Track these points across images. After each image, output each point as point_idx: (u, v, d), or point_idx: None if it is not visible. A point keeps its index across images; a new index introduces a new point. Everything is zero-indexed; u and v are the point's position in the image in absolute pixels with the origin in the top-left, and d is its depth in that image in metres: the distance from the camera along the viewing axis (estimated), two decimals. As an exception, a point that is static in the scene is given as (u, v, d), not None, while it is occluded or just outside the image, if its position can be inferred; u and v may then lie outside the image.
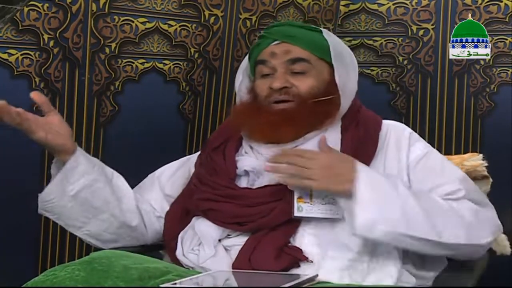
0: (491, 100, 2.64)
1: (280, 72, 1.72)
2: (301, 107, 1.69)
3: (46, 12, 2.06)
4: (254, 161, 1.71)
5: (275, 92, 1.70)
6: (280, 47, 1.74)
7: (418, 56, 2.71)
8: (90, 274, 1.48)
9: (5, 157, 2.04)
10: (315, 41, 1.75)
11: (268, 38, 1.77)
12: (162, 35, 2.33)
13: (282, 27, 1.80)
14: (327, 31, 1.81)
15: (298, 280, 1.44)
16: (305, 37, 1.75)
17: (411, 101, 2.72)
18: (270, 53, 1.74)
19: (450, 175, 1.69)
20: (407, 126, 1.81)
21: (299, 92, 1.70)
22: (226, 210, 1.65)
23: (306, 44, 1.73)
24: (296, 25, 1.83)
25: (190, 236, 1.68)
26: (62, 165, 1.67)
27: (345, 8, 2.81)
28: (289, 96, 1.70)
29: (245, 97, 1.79)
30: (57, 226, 2.18)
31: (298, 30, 1.77)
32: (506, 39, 2.60)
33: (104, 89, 2.24)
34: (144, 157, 2.27)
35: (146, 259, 1.58)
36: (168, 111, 2.42)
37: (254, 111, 1.73)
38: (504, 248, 1.89)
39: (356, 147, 1.68)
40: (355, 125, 1.73)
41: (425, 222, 1.52)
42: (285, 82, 1.70)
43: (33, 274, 2.01)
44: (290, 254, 1.57)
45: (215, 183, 1.70)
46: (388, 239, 1.52)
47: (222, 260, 1.61)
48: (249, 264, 1.57)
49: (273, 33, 1.77)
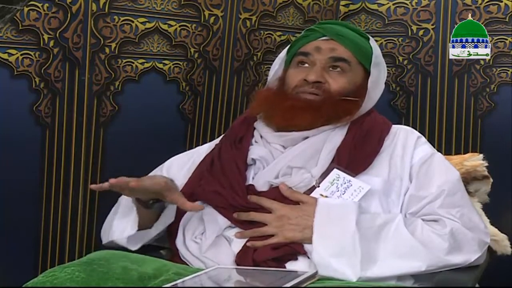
0: (491, 100, 2.64)
1: (318, 66, 1.76)
2: (326, 101, 1.74)
3: (46, 12, 2.06)
4: (263, 150, 1.76)
5: (307, 84, 1.75)
6: (327, 43, 1.79)
7: (418, 56, 2.71)
8: (90, 275, 1.48)
9: (5, 157, 2.04)
10: (361, 45, 1.81)
11: (317, 32, 1.82)
12: (162, 35, 2.33)
13: (334, 26, 1.86)
14: (373, 40, 1.87)
15: (299, 279, 1.45)
16: (353, 39, 1.81)
17: (411, 101, 2.72)
18: (315, 47, 1.79)
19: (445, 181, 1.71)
20: (407, 126, 1.85)
21: (330, 89, 1.75)
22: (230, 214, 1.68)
23: (352, 46, 1.79)
24: (348, 27, 1.88)
25: (194, 225, 1.69)
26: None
27: (345, 8, 2.81)
28: (319, 91, 1.75)
29: (272, 84, 1.83)
30: (57, 226, 2.18)
31: (348, 31, 1.83)
32: (506, 39, 2.60)
33: (104, 89, 2.23)
34: (144, 157, 2.26)
35: (145, 258, 1.58)
36: (168, 111, 2.41)
37: (279, 97, 1.78)
38: (504, 248, 1.89)
39: (355, 144, 1.72)
40: (359, 125, 1.76)
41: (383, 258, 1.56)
42: (320, 77, 1.75)
43: (33, 274, 2.01)
44: (289, 246, 1.60)
45: (227, 180, 1.72)
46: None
47: (223, 251, 1.63)
48: (252, 253, 1.59)
49: (324, 29, 1.82)
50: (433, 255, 1.58)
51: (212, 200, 1.70)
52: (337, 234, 1.56)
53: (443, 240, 1.60)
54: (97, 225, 2.07)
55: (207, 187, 1.72)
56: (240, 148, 1.78)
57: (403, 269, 1.56)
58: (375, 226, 1.59)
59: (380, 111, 1.87)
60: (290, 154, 1.73)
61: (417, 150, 1.75)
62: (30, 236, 2.14)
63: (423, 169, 1.72)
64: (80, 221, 2.23)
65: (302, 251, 1.59)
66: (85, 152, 2.21)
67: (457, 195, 1.70)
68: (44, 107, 2.10)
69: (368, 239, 1.56)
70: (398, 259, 1.56)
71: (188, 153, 1.92)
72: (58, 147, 2.16)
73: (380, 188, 1.67)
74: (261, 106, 1.81)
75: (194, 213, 1.71)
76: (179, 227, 1.71)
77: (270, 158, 1.74)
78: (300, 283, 1.44)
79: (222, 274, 1.53)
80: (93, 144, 2.23)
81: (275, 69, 1.86)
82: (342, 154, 1.70)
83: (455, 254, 1.60)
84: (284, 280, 1.44)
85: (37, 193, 2.14)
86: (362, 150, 1.72)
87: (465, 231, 1.65)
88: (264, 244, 1.59)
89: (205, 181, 1.74)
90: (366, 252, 1.54)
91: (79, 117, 2.18)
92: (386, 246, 1.57)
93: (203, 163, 1.82)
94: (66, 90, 2.15)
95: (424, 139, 1.81)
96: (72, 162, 2.18)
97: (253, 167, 1.74)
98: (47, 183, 2.15)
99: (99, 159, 2.25)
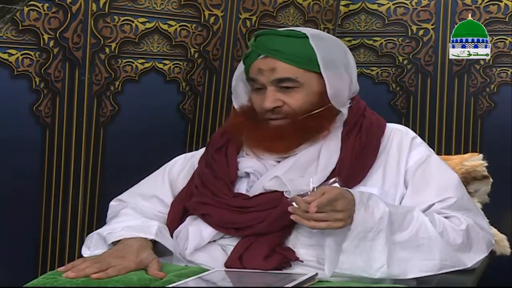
0: (491, 100, 2.64)
1: (269, 90, 1.70)
2: (293, 123, 1.69)
3: (46, 12, 2.05)
4: (255, 162, 1.73)
5: (268, 111, 1.70)
6: (265, 63, 1.70)
7: (418, 56, 2.71)
8: (90, 279, 1.48)
9: (5, 157, 2.04)
10: (301, 53, 1.69)
11: (253, 52, 1.73)
12: (162, 35, 2.33)
13: (267, 38, 1.74)
14: (316, 35, 1.74)
15: (299, 280, 1.45)
16: (290, 50, 1.69)
17: (411, 101, 2.72)
18: (257, 70, 1.71)
19: (445, 184, 1.70)
20: (407, 126, 1.83)
21: (290, 110, 1.69)
22: (223, 216, 1.66)
23: (291, 58, 1.69)
24: (282, 34, 1.73)
25: (184, 236, 1.68)
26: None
27: (345, 8, 2.81)
28: (282, 114, 1.70)
29: (245, 104, 1.78)
30: (57, 227, 2.19)
31: (283, 41, 1.71)
32: (506, 39, 2.60)
33: (104, 89, 2.23)
34: (144, 157, 2.27)
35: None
36: (168, 111, 2.41)
37: (252, 124, 1.73)
38: (504, 248, 1.89)
39: (355, 156, 1.69)
40: (357, 131, 1.72)
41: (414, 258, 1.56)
42: (274, 102, 1.69)
43: (33, 274, 2.01)
44: (281, 253, 1.59)
45: (216, 188, 1.70)
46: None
47: (218, 259, 1.62)
48: (239, 262, 1.59)
49: (258, 46, 1.73)
50: (447, 249, 1.58)
51: (206, 219, 1.67)
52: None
53: (457, 235, 1.61)
54: (97, 225, 2.07)
55: (199, 202, 1.70)
56: (225, 151, 1.76)
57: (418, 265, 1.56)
58: (398, 213, 1.58)
59: (380, 111, 1.85)
60: (285, 165, 1.70)
61: (412, 153, 1.72)
62: (30, 236, 2.15)
63: (418, 173, 1.70)
64: (80, 221, 2.23)
65: (294, 258, 1.58)
66: (85, 152, 2.21)
67: (464, 199, 1.70)
68: (44, 107, 2.10)
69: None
70: (416, 249, 1.56)
71: (187, 157, 1.90)
72: (58, 147, 2.16)
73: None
74: (238, 132, 1.76)
75: (184, 225, 1.70)
76: (173, 237, 1.71)
77: (264, 170, 1.71)
78: (301, 284, 1.45)
79: (222, 276, 1.54)
80: (93, 144, 2.23)
81: (234, 85, 1.80)
82: (343, 167, 1.67)
83: (464, 252, 1.61)
84: (285, 281, 1.44)
85: (37, 193, 2.14)
86: (361, 163, 1.69)
87: (477, 229, 1.66)
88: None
89: (196, 194, 1.72)
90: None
91: (79, 117, 2.18)
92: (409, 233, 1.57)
93: (192, 178, 1.80)
94: (66, 90, 2.15)
95: (419, 140, 1.77)
96: (72, 162, 2.18)
97: (246, 179, 1.72)
98: (47, 183, 2.15)
99: (99, 159, 2.25)
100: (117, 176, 2.23)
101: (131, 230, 1.65)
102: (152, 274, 1.53)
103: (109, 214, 1.84)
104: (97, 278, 1.49)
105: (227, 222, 1.65)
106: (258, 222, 1.62)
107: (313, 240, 1.59)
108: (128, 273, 1.52)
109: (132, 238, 1.62)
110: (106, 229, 1.70)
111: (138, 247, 1.59)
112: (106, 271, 1.51)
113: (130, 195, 1.85)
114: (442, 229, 1.60)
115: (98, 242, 1.67)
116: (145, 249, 1.60)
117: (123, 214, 1.77)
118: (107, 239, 1.64)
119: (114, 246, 1.63)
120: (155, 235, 1.64)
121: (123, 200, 1.85)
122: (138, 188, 1.86)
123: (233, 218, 1.65)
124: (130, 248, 1.58)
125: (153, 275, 1.53)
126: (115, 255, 1.57)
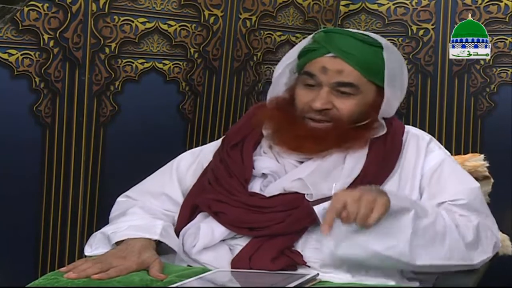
0: (491, 100, 2.64)
1: (324, 90, 1.66)
2: (335, 129, 1.66)
3: (46, 12, 2.05)
4: (274, 163, 1.70)
5: (314, 111, 1.66)
6: (333, 62, 1.67)
7: (418, 56, 2.71)
8: (92, 279, 1.48)
9: (5, 157, 2.04)
10: (370, 62, 1.67)
11: (323, 48, 1.68)
12: (162, 35, 2.33)
13: (340, 38, 1.70)
14: (389, 48, 1.72)
15: (301, 280, 1.45)
16: (361, 55, 1.67)
17: (411, 101, 2.72)
18: (321, 68, 1.67)
19: (459, 187, 1.69)
20: (408, 126, 1.82)
21: (338, 114, 1.66)
22: (239, 215, 1.63)
23: (362, 65, 1.66)
24: (356, 37, 1.70)
25: (193, 233, 1.66)
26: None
27: (345, 8, 2.80)
28: (327, 117, 1.67)
29: (282, 96, 1.74)
30: (57, 227, 2.18)
31: (358, 45, 1.68)
32: (506, 39, 2.60)
33: (104, 89, 2.23)
34: (144, 157, 2.27)
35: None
36: (168, 111, 2.41)
37: (286, 121, 1.69)
38: (506, 248, 1.89)
39: (379, 162, 1.67)
40: (383, 138, 1.70)
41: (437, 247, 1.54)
42: (327, 104, 1.66)
43: (33, 274, 2.01)
44: (289, 256, 1.58)
45: (230, 186, 1.68)
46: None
47: (223, 258, 1.61)
48: (248, 262, 1.57)
49: (329, 43, 1.68)
50: (458, 242, 1.57)
51: (220, 218, 1.65)
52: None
53: (468, 232, 1.60)
54: (97, 225, 2.08)
55: (213, 198, 1.68)
56: (240, 148, 1.74)
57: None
58: (417, 203, 1.58)
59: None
60: (308, 168, 1.66)
61: (428, 158, 1.71)
62: (30, 236, 2.14)
63: (434, 178, 1.69)
64: (80, 221, 2.22)
65: (302, 262, 1.57)
66: (85, 152, 2.21)
67: (476, 201, 1.69)
68: (44, 107, 2.10)
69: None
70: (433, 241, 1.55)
71: (194, 152, 1.87)
72: (58, 147, 2.15)
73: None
74: (268, 124, 1.72)
75: (194, 222, 1.68)
76: (179, 235, 1.69)
77: (282, 172, 1.68)
78: (302, 284, 1.45)
79: (224, 276, 1.53)
80: (93, 144, 2.22)
81: (279, 72, 1.76)
82: (367, 174, 1.65)
83: (472, 250, 1.60)
84: (286, 282, 1.44)
85: (37, 193, 2.14)
86: (383, 168, 1.67)
87: (486, 230, 1.65)
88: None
89: (210, 191, 1.70)
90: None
91: (79, 117, 2.18)
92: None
93: (204, 173, 1.77)
94: (66, 90, 2.15)
95: (435, 143, 1.76)
96: (72, 162, 2.18)
97: (261, 179, 1.69)
98: (47, 183, 2.15)
99: (99, 159, 2.25)
100: (117, 176, 2.23)
101: (135, 229, 1.64)
102: (153, 275, 1.53)
103: (114, 210, 1.81)
104: (99, 279, 1.48)
105: (243, 222, 1.63)
106: (275, 223, 1.60)
107: (321, 244, 1.57)
108: (130, 274, 1.52)
109: (135, 239, 1.61)
110: (111, 228, 1.69)
111: (140, 248, 1.58)
112: (107, 271, 1.50)
113: (139, 193, 1.81)
114: (457, 223, 1.59)
115: (101, 241, 1.66)
116: (147, 249, 1.59)
117: (131, 214, 1.74)
118: (111, 239, 1.64)
119: (117, 245, 1.62)
120: (159, 235, 1.63)
121: (132, 198, 1.81)
122: (146, 186, 1.83)
123: (249, 218, 1.62)
124: (132, 249, 1.58)
125: (154, 277, 1.52)
126: (117, 255, 1.56)
